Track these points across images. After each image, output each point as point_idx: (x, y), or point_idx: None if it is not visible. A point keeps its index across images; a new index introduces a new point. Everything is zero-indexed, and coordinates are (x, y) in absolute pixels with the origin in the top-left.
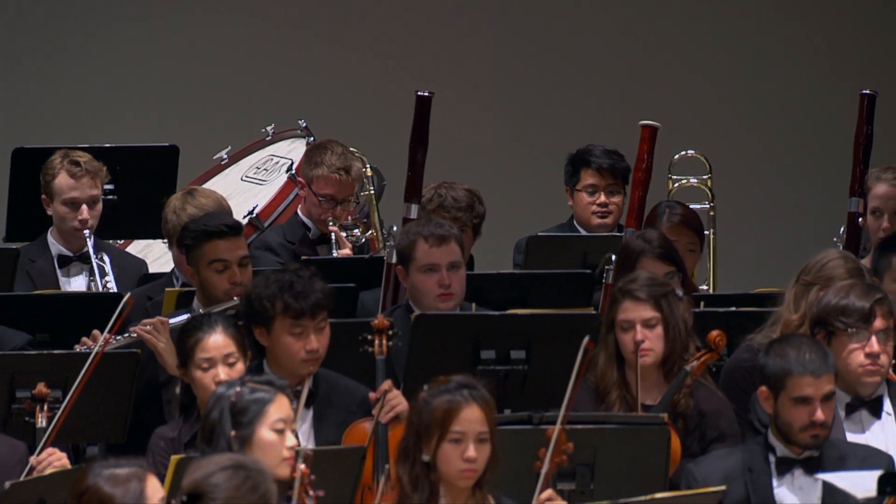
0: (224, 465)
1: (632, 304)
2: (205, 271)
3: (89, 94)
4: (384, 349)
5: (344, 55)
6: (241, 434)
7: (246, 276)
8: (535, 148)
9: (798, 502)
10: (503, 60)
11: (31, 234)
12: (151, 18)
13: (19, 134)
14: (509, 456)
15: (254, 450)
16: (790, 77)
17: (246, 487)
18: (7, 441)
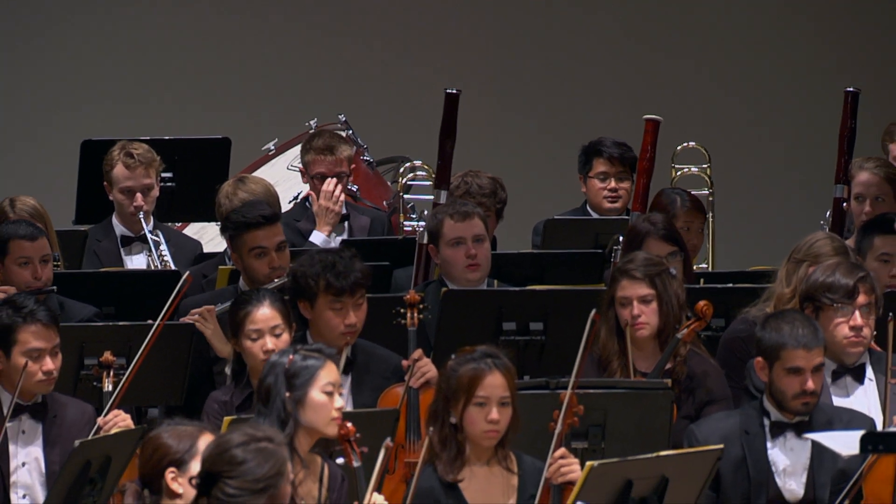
0: (239, 441)
1: (629, 282)
2: (246, 257)
3: (152, 90)
4: (415, 321)
5: (380, 56)
6: (295, 396)
7: (284, 260)
8: (550, 140)
9: (789, 462)
10: (522, 62)
11: (98, 217)
12: (207, 24)
13: (88, 127)
14: (528, 418)
15: (306, 410)
16: (782, 76)
17: (261, 458)
18: (77, 403)
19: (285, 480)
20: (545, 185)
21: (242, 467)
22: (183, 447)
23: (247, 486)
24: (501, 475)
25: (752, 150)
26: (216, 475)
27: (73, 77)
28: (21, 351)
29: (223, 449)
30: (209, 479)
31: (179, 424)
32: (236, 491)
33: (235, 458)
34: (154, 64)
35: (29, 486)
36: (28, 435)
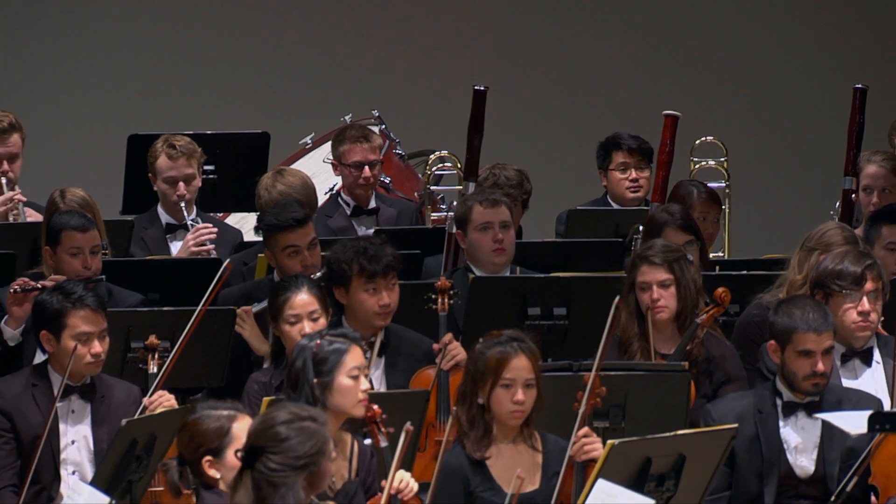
0: (283, 419)
1: (648, 267)
2: (279, 256)
3: (196, 87)
4: (446, 307)
5: (412, 55)
6: (323, 381)
7: (315, 258)
8: (573, 134)
9: (801, 440)
10: (546, 61)
11: (144, 207)
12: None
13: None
14: (552, 399)
15: (333, 395)
16: (795, 74)
17: (303, 436)
18: (124, 385)
19: (326, 459)
20: (568, 177)
21: (285, 444)
22: (219, 435)
23: (289, 462)
24: (527, 453)
25: (766, 145)
26: (260, 450)
27: (121, 75)
28: (70, 335)
29: (268, 425)
30: (253, 453)
31: (215, 409)
32: (278, 466)
33: (279, 434)
34: (198, 63)
35: (78, 463)
36: (77, 414)
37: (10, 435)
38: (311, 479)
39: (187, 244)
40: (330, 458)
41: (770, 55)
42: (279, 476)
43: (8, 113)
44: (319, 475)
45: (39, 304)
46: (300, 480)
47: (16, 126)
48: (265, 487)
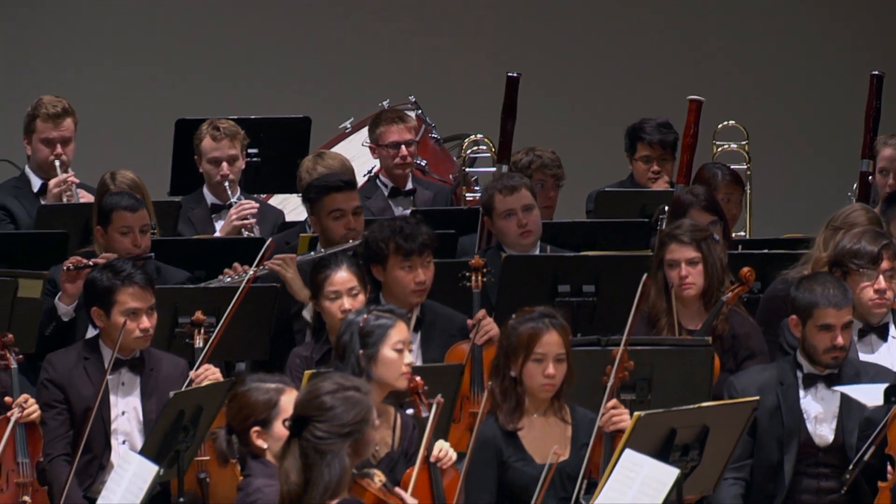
0: (328, 389)
1: (677, 246)
2: (325, 219)
3: (240, 73)
4: (479, 284)
5: (447, 43)
6: (368, 353)
7: (359, 224)
8: (602, 118)
9: (821, 410)
10: (575, 48)
11: (190, 188)
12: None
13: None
14: (581, 372)
15: (378, 366)
16: (814, 61)
17: (348, 405)
18: (171, 358)
19: (370, 427)
20: (596, 159)
21: (331, 413)
22: (267, 407)
23: (334, 430)
24: (557, 425)
25: (786, 129)
26: (307, 419)
27: (169, 62)
28: (120, 311)
29: (314, 395)
30: (300, 422)
31: (264, 382)
32: (324, 434)
33: (325, 404)
34: (244, 51)
35: (128, 433)
36: (127, 387)
37: (63, 406)
38: (355, 447)
39: (230, 219)
40: (373, 426)
41: (790, 43)
42: (325, 444)
43: (61, 99)
44: (364, 443)
45: (90, 281)
46: (345, 448)
47: (69, 111)
48: (312, 455)
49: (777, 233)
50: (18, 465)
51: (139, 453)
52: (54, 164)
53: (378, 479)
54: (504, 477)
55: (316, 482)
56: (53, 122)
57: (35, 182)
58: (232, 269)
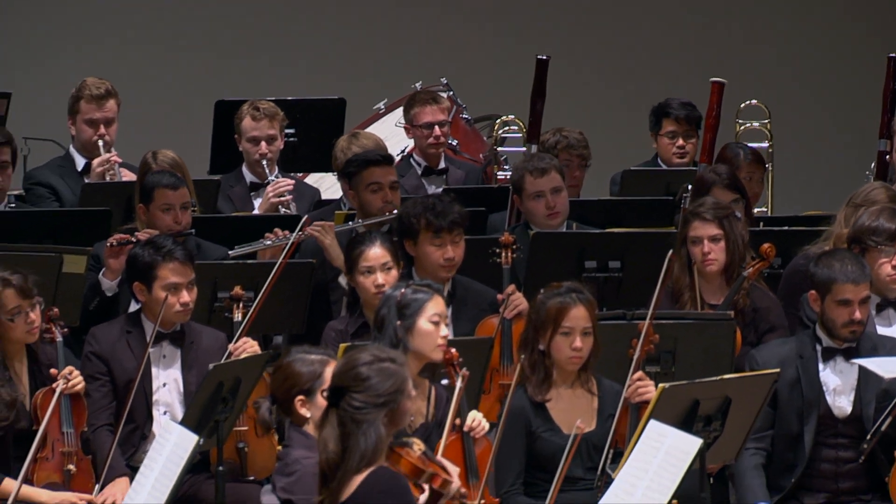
0: (364, 360)
1: (700, 223)
2: (363, 192)
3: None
4: (509, 260)
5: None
6: (405, 324)
7: (395, 198)
8: (627, 100)
9: (839, 383)
10: (603, 31)
11: (230, 167)
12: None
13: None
14: (607, 345)
15: (414, 337)
16: (834, 42)
17: (383, 376)
18: (211, 332)
19: (405, 397)
20: (622, 140)
21: (367, 383)
22: (312, 377)
23: (370, 400)
24: (584, 396)
25: (807, 108)
26: (344, 389)
27: (209, 45)
28: (161, 285)
29: (351, 367)
30: (338, 392)
31: (309, 354)
32: (361, 404)
33: (361, 374)
34: (281, 34)
35: (169, 404)
36: (168, 359)
37: (106, 378)
38: (391, 416)
39: (267, 197)
40: (409, 396)
41: (810, 25)
42: (362, 413)
43: (104, 80)
44: (399, 412)
45: (133, 257)
46: (381, 417)
47: (112, 92)
48: (349, 424)
49: (798, 210)
50: (63, 435)
51: (180, 424)
52: (98, 143)
53: (417, 447)
54: (532, 446)
55: (353, 450)
56: (97, 104)
57: (79, 161)
58: (273, 233)
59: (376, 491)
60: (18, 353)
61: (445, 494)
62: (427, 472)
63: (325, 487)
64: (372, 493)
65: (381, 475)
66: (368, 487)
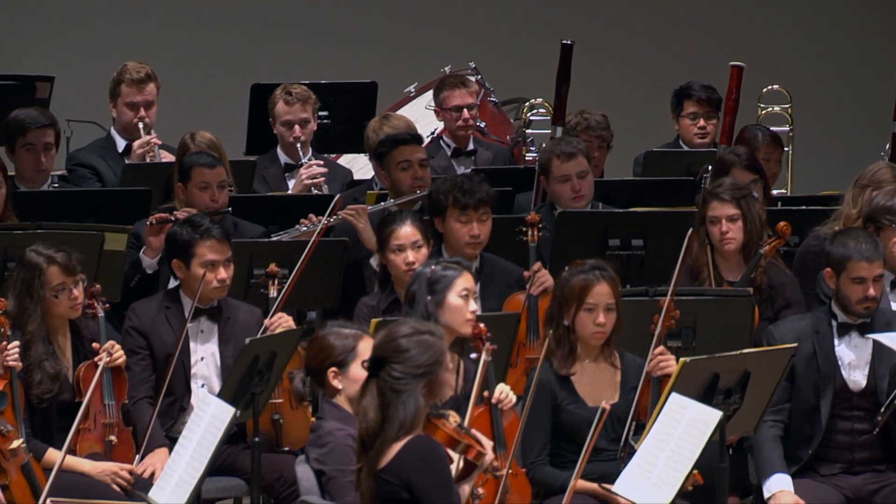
0: (404, 332)
1: (718, 203)
2: (394, 171)
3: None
4: (535, 238)
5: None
6: (436, 299)
7: (425, 175)
8: (649, 83)
9: (854, 357)
10: (626, 16)
11: (265, 148)
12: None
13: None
14: (630, 321)
15: (444, 311)
16: (852, 28)
17: (422, 348)
18: (247, 307)
19: (443, 369)
20: (644, 122)
21: (406, 354)
22: (345, 350)
23: (409, 371)
24: (607, 370)
25: (826, 92)
26: (384, 360)
27: (245, 29)
28: (199, 262)
29: (391, 338)
30: (378, 362)
31: (343, 328)
32: (400, 374)
33: (401, 346)
34: (316, 18)
35: (207, 378)
36: (206, 334)
37: (146, 352)
38: (429, 387)
39: (301, 178)
40: (447, 369)
41: (829, 12)
42: (401, 383)
43: (144, 64)
44: (437, 384)
45: (172, 235)
46: (420, 388)
47: (151, 76)
48: (389, 394)
49: (816, 190)
50: (105, 407)
51: (217, 396)
52: (138, 126)
53: (453, 419)
54: (558, 418)
55: (392, 419)
56: (137, 87)
57: (120, 143)
58: (307, 219)
59: (414, 458)
60: (62, 328)
61: (479, 467)
62: (462, 443)
63: (364, 454)
64: (410, 460)
65: (418, 443)
66: (406, 455)
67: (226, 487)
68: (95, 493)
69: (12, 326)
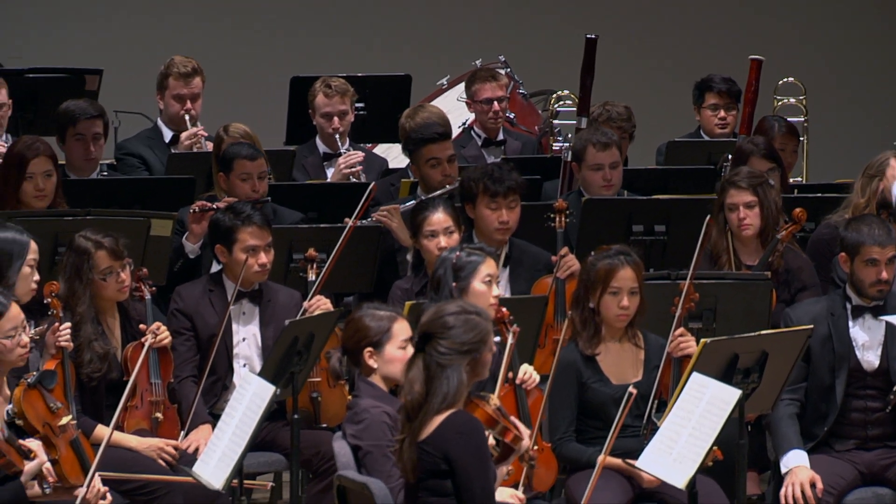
0: (451, 311)
1: (736, 191)
2: (423, 167)
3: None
4: (562, 224)
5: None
6: (460, 285)
7: (453, 170)
8: (671, 75)
9: (867, 338)
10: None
11: (304, 138)
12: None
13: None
14: (653, 303)
15: (468, 296)
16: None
17: (467, 326)
18: (287, 290)
19: (487, 349)
20: (667, 113)
21: (452, 331)
22: (380, 331)
23: (454, 347)
24: (631, 350)
25: (839, 85)
26: (431, 335)
27: (285, 24)
28: (241, 248)
29: (439, 315)
30: (425, 338)
31: (378, 310)
32: (445, 350)
33: (447, 323)
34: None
35: (248, 357)
36: (247, 316)
37: (190, 333)
38: (473, 365)
39: (339, 167)
40: (490, 349)
41: (842, 8)
42: (446, 358)
43: (191, 59)
44: (481, 363)
45: (214, 221)
46: (464, 364)
47: (198, 70)
48: (434, 368)
49: (830, 178)
50: (152, 386)
51: (258, 375)
52: (184, 117)
53: (493, 402)
54: (583, 396)
55: (436, 392)
56: (184, 81)
57: (166, 133)
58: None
59: (454, 431)
60: (111, 310)
61: (516, 451)
62: (500, 424)
63: (408, 425)
64: (450, 432)
65: (459, 417)
66: (447, 428)
67: (266, 462)
68: (142, 468)
69: (63, 308)
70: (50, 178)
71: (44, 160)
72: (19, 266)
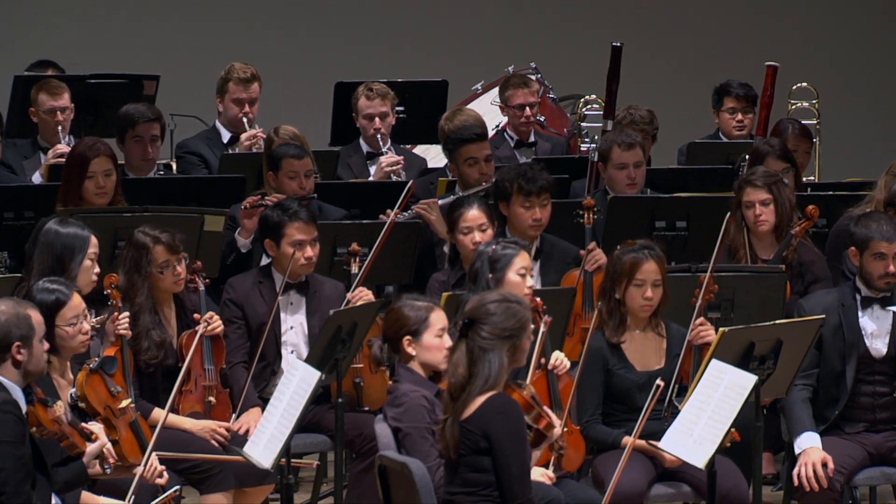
0: (493, 299)
1: (752, 189)
2: (461, 166)
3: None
4: (590, 220)
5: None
6: (496, 276)
7: (489, 169)
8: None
9: (876, 327)
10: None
11: (348, 139)
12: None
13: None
14: (674, 294)
15: (504, 287)
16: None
17: (508, 314)
18: (331, 282)
19: (526, 336)
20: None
21: (493, 318)
22: (418, 321)
23: (495, 332)
24: (654, 339)
25: (850, 89)
26: (474, 321)
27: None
28: (288, 242)
29: (482, 303)
30: (469, 324)
31: (417, 300)
32: (487, 335)
33: (489, 310)
34: (392, 22)
35: (295, 345)
36: (294, 306)
37: (241, 322)
38: (513, 351)
39: (381, 166)
40: (529, 337)
41: (854, 16)
42: (488, 343)
43: (249, 65)
44: (520, 349)
45: (263, 217)
46: (504, 350)
47: (256, 76)
48: (476, 352)
49: (842, 177)
50: (205, 371)
51: (305, 361)
52: (242, 120)
53: (528, 391)
54: (609, 382)
55: (478, 374)
56: (243, 86)
57: (225, 134)
58: (385, 214)
59: (493, 412)
60: (167, 301)
61: (549, 438)
62: (535, 410)
63: (452, 405)
64: (490, 413)
65: (499, 399)
66: (487, 408)
67: (312, 443)
68: (196, 448)
69: (123, 299)
70: (110, 176)
71: (104, 160)
72: (81, 259)
